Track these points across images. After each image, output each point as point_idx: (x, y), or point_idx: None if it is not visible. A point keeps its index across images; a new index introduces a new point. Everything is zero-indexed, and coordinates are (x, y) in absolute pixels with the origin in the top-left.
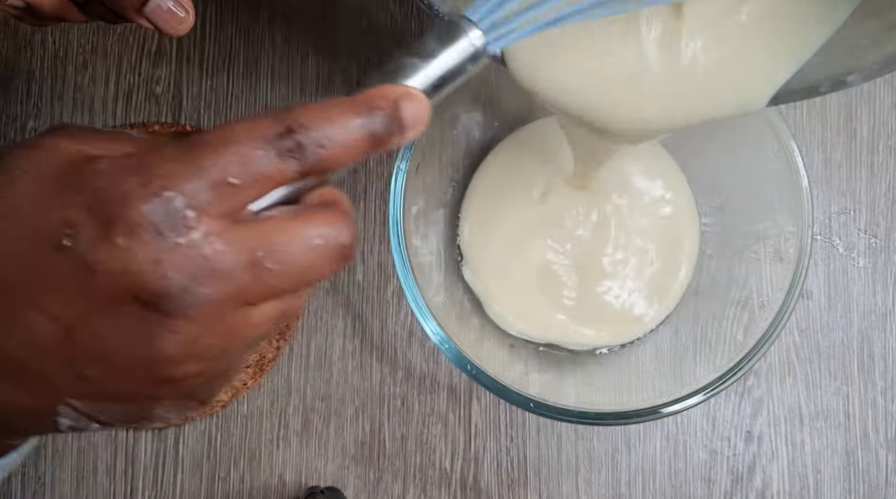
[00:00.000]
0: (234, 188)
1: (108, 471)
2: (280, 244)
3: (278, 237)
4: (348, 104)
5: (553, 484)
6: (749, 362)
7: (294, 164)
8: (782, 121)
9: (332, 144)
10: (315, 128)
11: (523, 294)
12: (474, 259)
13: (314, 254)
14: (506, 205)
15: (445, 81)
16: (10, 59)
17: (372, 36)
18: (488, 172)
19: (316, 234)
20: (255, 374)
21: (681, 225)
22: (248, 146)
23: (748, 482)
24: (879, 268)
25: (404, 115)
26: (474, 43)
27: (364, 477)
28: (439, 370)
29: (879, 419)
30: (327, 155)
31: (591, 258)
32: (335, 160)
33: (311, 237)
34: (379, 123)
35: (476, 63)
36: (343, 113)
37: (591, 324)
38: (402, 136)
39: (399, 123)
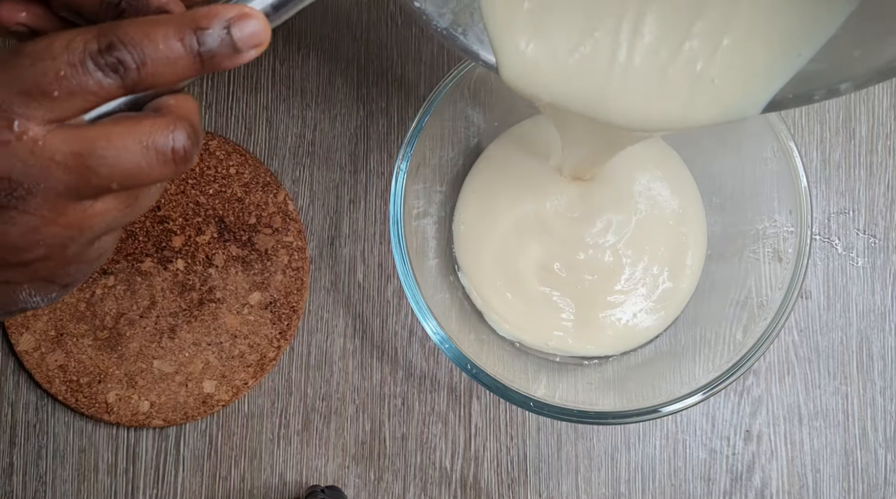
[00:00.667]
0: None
1: (109, 470)
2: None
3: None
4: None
5: (553, 483)
6: (748, 362)
7: (115, 78)
8: (781, 121)
9: (154, 62)
10: (136, 45)
11: (521, 311)
12: (469, 268)
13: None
14: (499, 212)
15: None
16: None
17: (372, 37)
18: (479, 175)
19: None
20: (256, 373)
21: (688, 236)
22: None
23: (747, 481)
24: (878, 268)
25: (237, 36)
26: None
27: (364, 476)
28: (439, 370)
29: (878, 419)
30: (149, 73)
31: (593, 291)
32: (159, 77)
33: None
34: (207, 43)
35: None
36: (167, 31)
37: (592, 340)
38: (236, 56)
39: (232, 45)
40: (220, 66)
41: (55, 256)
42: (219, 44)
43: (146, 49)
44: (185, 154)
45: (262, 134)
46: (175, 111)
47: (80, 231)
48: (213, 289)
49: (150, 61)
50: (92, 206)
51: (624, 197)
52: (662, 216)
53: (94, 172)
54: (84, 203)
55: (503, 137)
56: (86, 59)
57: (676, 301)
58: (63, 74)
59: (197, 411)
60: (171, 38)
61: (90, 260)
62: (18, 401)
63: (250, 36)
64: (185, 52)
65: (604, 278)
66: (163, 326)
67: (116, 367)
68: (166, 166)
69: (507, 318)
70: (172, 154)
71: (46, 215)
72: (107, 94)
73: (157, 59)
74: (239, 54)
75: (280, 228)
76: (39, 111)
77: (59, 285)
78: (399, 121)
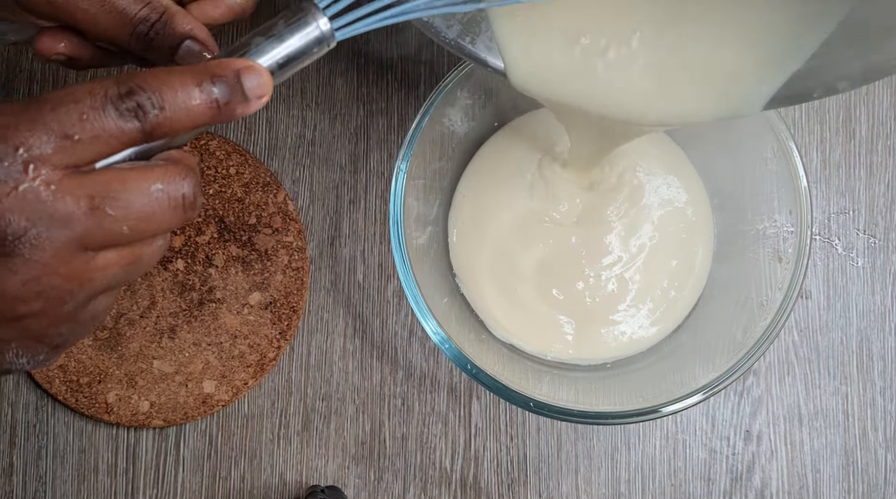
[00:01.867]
0: (74, 143)
1: (109, 470)
2: (118, 191)
3: (117, 185)
4: (190, 71)
5: (553, 483)
6: (748, 362)
7: (135, 123)
8: (781, 121)
9: (172, 107)
10: (155, 91)
11: (519, 322)
12: (465, 276)
13: (154, 203)
14: (492, 219)
15: (290, 61)
16: (12, 59)
17: (372, 37)
18: (470, 178)
19: (155, 184)
20: (256, 373)
21: (697, 244)
22: (89, 104)
23: (747, 482)
24: (878, 268)
25: (247, 85)
26: (321, 28)
27: (364, 476)
28: (439, 370)
29: (878, 419)
30: (167, 117)
31: (594, 310)
32: (176, 123)
33: (149, 187)
34: (220, 91)
35: (322, 47)
36: (184, 79)
37: (593, 352)
38: (245, 105)
39: (242, 92)
40: (232, 113)
41: (50, 313)
42: (231, 91)
43: (165, 94)
44: (193, 202)
45: (262, 134)
46: (182, 162)
47: (80, 285)
48: (213, 289)
49: (169, 106)
50: (94, 258)
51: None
52: (676, 230)
53: (106, 215)
54: (88, 254)
55: (498, 136)
56: (107, 104)
57: (681, 308)
58: (85, 118)
59: (197, 411)
60: (188, 85)
61: (84, 322)
62: (18, 401)
63: (258, 86)
64: (203, 98)
65: (607, 300)
66: (163, 326)
67: (116, 367)
68: (176, 212)
69: (505, 327)
70: (182, 200)
71: (50, 264)
72: (126, 139)
73: (175, 105)
74: (247, 103)
75: (280, 229)
76: (57, 155)
77: (49, 347)
78: (399, 121)
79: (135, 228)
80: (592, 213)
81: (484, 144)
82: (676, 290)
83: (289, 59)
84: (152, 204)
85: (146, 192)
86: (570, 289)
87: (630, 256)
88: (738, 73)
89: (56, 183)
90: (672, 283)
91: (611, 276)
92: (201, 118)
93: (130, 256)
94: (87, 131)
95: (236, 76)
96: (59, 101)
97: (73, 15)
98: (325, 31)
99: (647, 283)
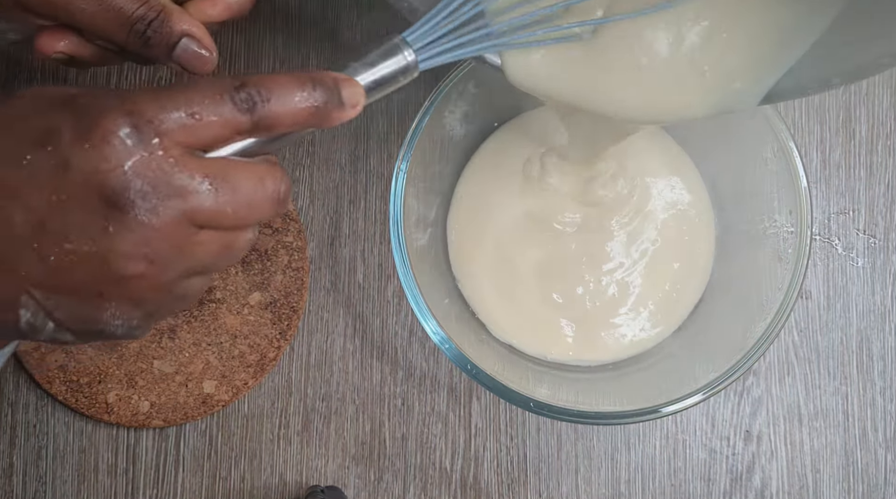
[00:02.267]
0: (195, 123)
1: (109, 470)
2: (230, 175)
3: (229, 170)
4: (296, 75)
5: (553, 483)
6: (748, 362)
7: (246, 114)
8: (781, 121)
9: (279, 103)
10: (265, 87)
11: (519, 324)
12: (464, 277)
13: (257, 192)
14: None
15: (379, 85)
16: (13, 59)
17: (373, 37)
18: (469, 179)
19: (261, 176)
20: (256, 373)
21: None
22: (211, 92)
23: (747, 482)
24: (878, 268)
25: (344, 93)
26: (407, 58)
27: (364, 476)
28: (439, 370)
29: (878, 419)
30: (273, 112)
31: (595, 314)
32: (279, 118)
33: (255, 177)
34: (320, 95)
35: (407, 75)
36: (290, 80)
37: (594, 354)
38: (341, 111)
39: (339, 98)
40: (328, 117)
41: (152, 277)
42: (329, 96)
43: (272, 90)
44: (286, 199)
45: None
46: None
47: (183, 255)
48: (213, 289)
49: (275, 100)
50: (198, 234)
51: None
52: (679, 232)
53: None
54: (193, 229)
55: (497, 135)
56: (225, 94)
57: (682, 310)
58: (208, 103)
59: (197, 412)
60: (292, 85)
61: (178, 296)
62: (18, 401)
63: (352, 95)
64: (304, 99)
65: (608, 304)
66: (163, 326)
67: (116, 367)
68: (272, 205)
69: (505, 329)
70: (279, 195)
71: (161, 229)
72: (238, 126)
73: (280, 100)
74: (342, 109)
75: (280, 229)
76: (182, 133)
77: (143, 313)
78: (399, 121)
79: (237, 212)
80: (594, 221)
81: (482, 144)
82: (678, 292)
83: (377, 83)
84: (256, 192)
85: (253, 180)
86: (570, 293)
87: (632, 262)
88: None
89: (177, 158)
90: (674, 285)
91: (612, 281)
92: (301, 115)
93: (226, 240)
94: (210, 114)
95: (335, 83)
96: (188, 86)
97: (70, 13)
98: (411, 62)
99: (649, 286)
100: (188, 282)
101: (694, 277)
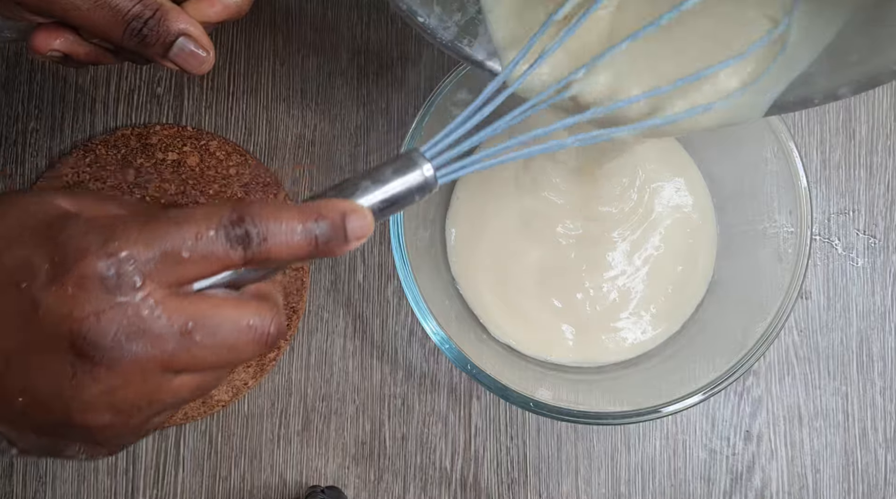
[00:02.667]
0: (182, 261)
1: (109, 470)
2: (211, 319)
3: (212, 314)
4: (298, 209)
5: (553, 483)
6: (748, 362)
7: (239, 250)
8: (781, 122)
9: (275, 240)
10: (263, 222)
11: (519, 326)
12: (464, 278)
13: (240, 335)
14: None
15: (393, 205)
16: (12, 59)
17: (372, 37)
18: (469, 177)
19: (246, 319)
20: (256, 374)
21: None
22: (204, 227)
23: (747, 482)
24: (878, 268)
25: (349, 226)
26: (425, 174)
27: (364, 477)
28: (439, 370)
29: (878, 419)
30: (269, 248)
31: (597, 318)
32: (275, 254)
33: (241, 320)
34: (322, 230)
35: (423, 193)
36: (291, 215)
37: (595, 356)
38: (344, 245)
39: (343, 234)
40: (330, 252)
41: (116, 425)
42: (333, 232)
43: (271, 227)
44: (275, 340)
45: (262, 134)
46: (272, 299)
47: (150, 403)
48: None
49: (272, 238)
50: (171, 380)
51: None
52: (683, 236)
53: (195, 342)
54: (167, 376)
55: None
56: (220, 228)
57: (683, 311)
58: (200, 239)
59: (197, 412)
60: (294, 221)
61: (145, 432)
62: None
63: (360, 228)
64: (304, 236)
65: (609, 309)
66: None
67: None
68: (257, 347)
69: (505, 331)
70: (266, 338)
71: (132, 380)
72: (229, 263)
73: (278, 238)
74: (347, 243)
75: None
76: (165, 272)
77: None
78: (399, 121)
79: (217, 357)
80: (595, 234)
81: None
82: (681, 294)
83: (390, 204)
84: (240, 337)
85: (238, 325)
86: (570, 299)
87: (634, 269)
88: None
89: (158, 302)
90: (677, 288)
91: (613, 287)
92: (299, 253)
93: (203, 381)
94: (198, 252)
95: (342, 218)
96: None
97: (66, 11)
98: (429, 178)
99: (651, 290)
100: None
101: (696, 278)
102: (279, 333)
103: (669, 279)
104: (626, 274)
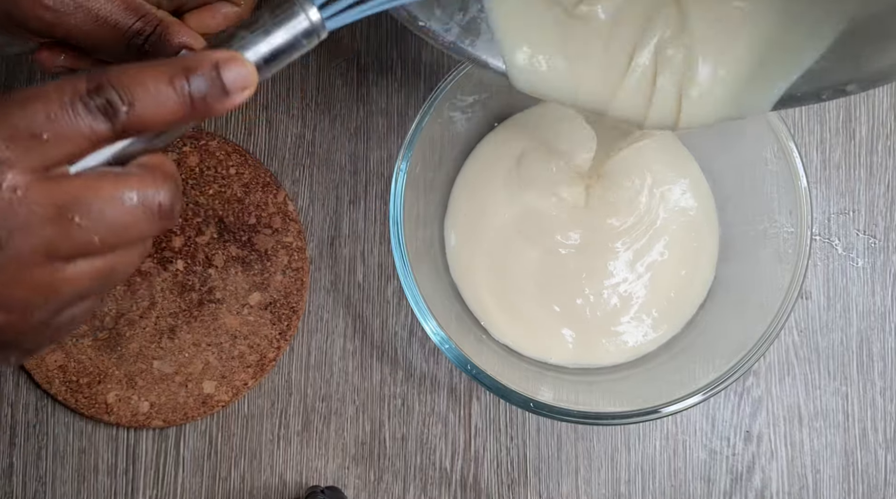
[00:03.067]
0: (43, 143)
1: (109, 471)
2: (89, 200)
3: (88, 194)
4: (164, 65)
5: (553, 484)
6: (748, 362)
7: (105, 121)
8: (781, 121)
9: (144, 103)
10: (125, 87)
11: (519, 328)
12: (463, 280)
13: (128, 212)
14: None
15: (278, 56)
16: (12, 59)
17: (372, 37)
18: (468, 177)
19: (129, 193)
20: (256, 374)
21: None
22: (57, 102)
23: (747, 482)
24: (878, 268)
25: (226, 77)
26: (311, 18)
27: (364, 477)
28: (439, 370)
29: (878, 419)
30: (138, 115)
31: (597, 323)
32: (148, 121)
33: (122, 195)
34: (196, 86)
35: (311, 39)
36: (157, 74)
37: (595, 359)
38: (226, 99)
39: (221, 86)
40: (210, 109)
41: (15, 324)
42: (208, 86)
43: (135, 91)
44: (171, 210)
45: (262, 134)
46: (160, 168)
47: (46, 298)
48: (213, 289)
49: (139, 103)
50: (63, 269)
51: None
52: (687, 239)
53: (76, 225)
54: (55, 265)
55: (495, 134)
56: (76, 101)
57: (685, 313)
58: (54, 116)
59: (197, 412)
60: (160, 81)
61: (59, 327)
62: (18, 401)
63: (239, 78)
64: (175, 94)
65: (610, 314)
66: (162, 326)
67: (116, 367)
68: (151, 222)
69: (504, 332)
70: (158, 209)
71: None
72: (97, 138)
73: (145, 101)
74: (228, 96)
75: (280, 229)
76: (25, 157)
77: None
78: (399, 121)
79: (107, 239)
80: (597, 243)
81: (479, 143)
82: (683, 297)
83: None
84: (126, 214)
85: (119, 201)
86: (570, 304)
87: (637, 276)
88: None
89: (23, 188)
90: (679, 291)
91: (614, 293)
92: (174, 116)
93: (104, 267)
94: (56, 130)
95: (214, 69)
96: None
97: (66, 31)
98: (315, 22)
99: (653, 295)
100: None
101: (698, 281)
102: (172, 203)
103: (672, 283)
104: (628, 281)
